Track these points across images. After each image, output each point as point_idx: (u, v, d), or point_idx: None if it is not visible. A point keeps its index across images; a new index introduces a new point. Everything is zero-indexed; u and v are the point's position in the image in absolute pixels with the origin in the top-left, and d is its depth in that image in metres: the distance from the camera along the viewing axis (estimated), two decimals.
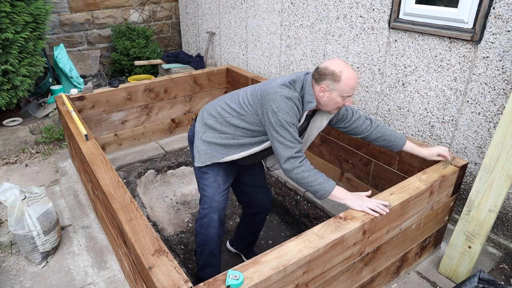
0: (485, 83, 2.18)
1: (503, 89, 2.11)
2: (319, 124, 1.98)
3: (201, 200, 1.99)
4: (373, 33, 2.71)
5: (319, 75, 1.77)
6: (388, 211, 1.68)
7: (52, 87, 4.25)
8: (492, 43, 2.10)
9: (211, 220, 1.92)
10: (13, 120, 3.77)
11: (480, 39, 2.14)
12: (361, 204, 1.68)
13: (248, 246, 2.51)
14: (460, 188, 2.24)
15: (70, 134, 2.69)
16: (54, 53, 4.37)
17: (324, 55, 3.16)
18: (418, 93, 2.54)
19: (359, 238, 1.66)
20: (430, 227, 2.13)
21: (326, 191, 1.71)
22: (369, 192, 1.75)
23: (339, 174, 2.89)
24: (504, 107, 1.86)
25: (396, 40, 2.58)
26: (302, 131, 1.97)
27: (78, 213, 2.75)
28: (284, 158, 1.72)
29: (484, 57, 2.15)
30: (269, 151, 1.99)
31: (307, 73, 1.85)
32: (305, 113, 1.81)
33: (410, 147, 2.08)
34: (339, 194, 1.72)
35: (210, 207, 1.93)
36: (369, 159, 2.59)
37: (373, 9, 2.66)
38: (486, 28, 2.10)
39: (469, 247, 2.00)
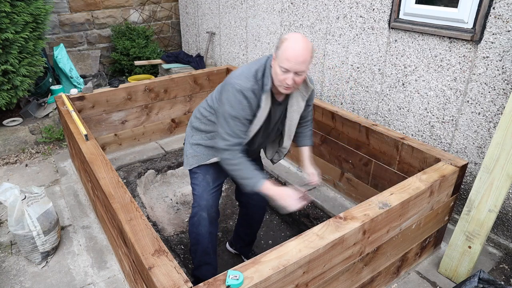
0: (485, 83, 2.18)
1: (503, 89, 2.11)
2: (297, 107, 1.91)
3: (192, 200, 2.03)
4: (373, 33, 2.71)
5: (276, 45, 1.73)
6: (307, 201, 1.73)
7: (52, 87, 4.25)
8: (492, 43, 2.10)
9: (201, 219, 1.94)
10: (13, 120, 3.77)
11: (480, 39, 2.14)
12: (284, 201, 1.69)
13: (246, 246, 2.51)
14: (460, 188, 2.24)
15: (70, 134, 2.69)
16: (54, 53, 4.37)
17: (324, 55, 3.16)
18: (418, 93, 2.54)
19: (359, 238, 1.66)
20: (430, 227, 2.13)
21: (253, 186, 1.72)
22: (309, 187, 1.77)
23: (339, 174, 2.90)
24: (504, 107, 1.86)
25: (396, 40, 2.58)
26: (281, 118, 1.93)
27: (78, 213, 2.75)
28: (218, 148, 1.77)
29: (484, 57, 2.15)
30: (258, 146, 2.00)
31: (270, 56, 1.80)
32: (264, 97, 1.73)
33: (304, 152, 2.10)
34: (267, 190, 1.71)
35: (199, 206, 1.95)
36: (369, 159, 2.59)
37: (373, 9, 2.66)
38: (486, 28, 2.10)
39: (469, 247, 2.00)
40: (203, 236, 1.96)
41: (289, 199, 1.68)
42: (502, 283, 1.93)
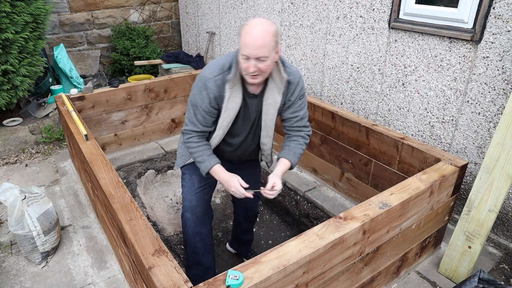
0: (485, 83, 2.18)
1: (503, 89, 2.11)
2: (272, 100, 1.77)
3: None
4: (373, 33, 2.71)
5: None
6: (247, 195, 1.75)
7: (52, 87, 4.25)
8: (492, 43, 2.10)
9: (186, 219, 1.95)
10: (13, 120, 3.77)
11: (480, 39, 2.14)
12: (227, 187, 1.78)
13: (243, 245, 2.51)
14: (460, 188, 2.24)
15: (70, 134, 2.69)
16: (54, 53, 4.37)
17: (324, 55, 3.16)
18: (418, 93, 2.54)
19: (359, 238, 1.66)
20: (430, 227, 2.13)
21: (204, 168, 1.80)
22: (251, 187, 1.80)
23: (339, 174, 2.89)
24: (504, 107, 1.86)
25: (396, 40, 2.58)
26: (257, 114, 1.82)
27: (78, 213, 2.75)
28: (181, 130, 1.85)
29: (484, 57, 2.15)
30: (243, 144, 1.93)
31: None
32: (227, 86, 1.68)
33: (280, 163, 1.85)
34: (216, 174, 1.81)
35: (184, 207, 1.96)
36: (369, 159, 2.59)
37: (373, 9, 2.66)
38: (486, 28, 2.10)
39: (469, 247, 2.00)
40: (190, 236, 1.95)
41: (231, 188, 1.76)
42: (502, 283, 1.93)
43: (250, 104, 1.79)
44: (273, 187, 1.74)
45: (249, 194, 1.76)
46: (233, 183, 1.75)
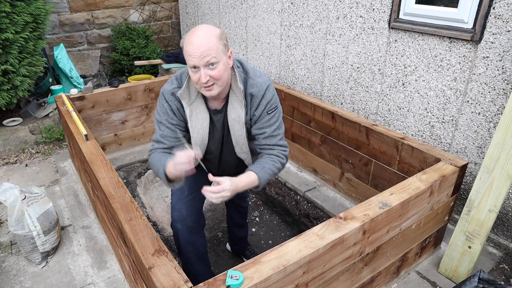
0: (485, 83, 2.18)
1: (503, 89, 2.11)
2: (235, 115, 1.61)
3: None
4: (373, 33, 2.71)
5: None
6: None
7: (52, 87, 4.25)
8: (492, 43, 2.10)
9: (177, 230, 1.82)
10: (13, 120, 3.77)
11: (480, 39, 2.14)
12: (177, 169, 1.50)
13: (239, 242, 2.50)
14: (460, 188, 2.24)
15: (70, 134, 2.69)
16: (54, 53, 4.37)
17: (324, 55, 3.16)
18: (418, 93, 2.54)
19: (359, 238, 1.66)
20: (430, 227, 2.13)
21: (162, 176, 1.57)
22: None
23: (339, 174, 2.89)
24: (504, 107, 1.86)
25: (396, 40, 2.58)
26: (223, 130, 1.70)
27: (78, 213, 2.75)
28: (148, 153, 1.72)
29: (484, 57, 2.15)
30: (222, 162, 1.83)
31: None
32: (184, 103, 1.58)
33: (246, 173, 1.59)
34: (170, 171, 1.54)
35: (172, 217, 1.83)
36: (369, 159, 2.59)
37: (373, 9, 2.66)
38: (486, 28, 2.10)
39: (469, 247, 2.00)
40: (182, 246, 1.85)
41: (176, 166, 1.46)
42: (502, 283, 1.94)
43: (216, 121, 1.67)
44: (218, 184, 1.44)
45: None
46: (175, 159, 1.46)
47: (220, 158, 1.83)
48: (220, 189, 1.43)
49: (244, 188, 1.55)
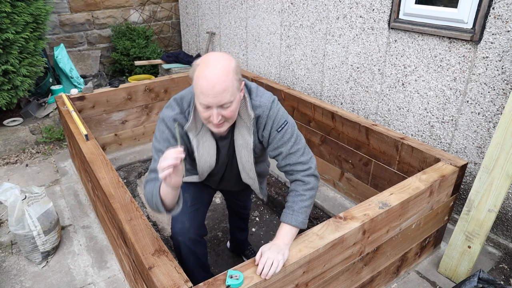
0: (484, 83, 2.19)
1: (503, 89, 2.11)
2: (243, 141, 1.54)
3: None
4: (373, 33, 2.71)
5: None
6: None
7: (52, 87, 4.26)
8: (491, 43, 2.10)
9: (179, 243, 1.73)
10: (14, 120, 3.77)
11: (480, 39, 2.14)
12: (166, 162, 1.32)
13: (239, 243, 2.50)
14: (460, 188, 2.24)
15: (70, 134, 2.70)
16: (54, 53, 4.38)
17: (324, 55, 3.16)
18: (418, 93, 2.54)
19: (359, 238, 1.66)
20: (430, 227, 2.13)
21: (158, 203, 1.43)
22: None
23: (339, 174, 2.90)
24: (504, 107, 1.86)
25: (396, 40, 2.58)
26: (229, 156, 1.63)
27: (78, 213, 2.75)
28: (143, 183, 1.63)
29: (483, 57, 2.15)
30: (222, 182, 1.79)
31: None
32: (191, 135, 1.50)
33: (279, 231, 1.51)
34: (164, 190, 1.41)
35: (174, 229, 1.72)
36: (369, 159, 2.60)
37: (373, 9, 2.66)
38: (486, 28, 2.10)
39: (469, 247, 2.01)
40: (183, 257, 1.78)
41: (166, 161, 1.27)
42: (502, 283, 1.94)
43: (221, 147, 1.59)
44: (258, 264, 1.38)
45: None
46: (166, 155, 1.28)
47: (222, 178, 1.78)
48: (271, 263, 1.36)
49: (291, 241, 1.49)
